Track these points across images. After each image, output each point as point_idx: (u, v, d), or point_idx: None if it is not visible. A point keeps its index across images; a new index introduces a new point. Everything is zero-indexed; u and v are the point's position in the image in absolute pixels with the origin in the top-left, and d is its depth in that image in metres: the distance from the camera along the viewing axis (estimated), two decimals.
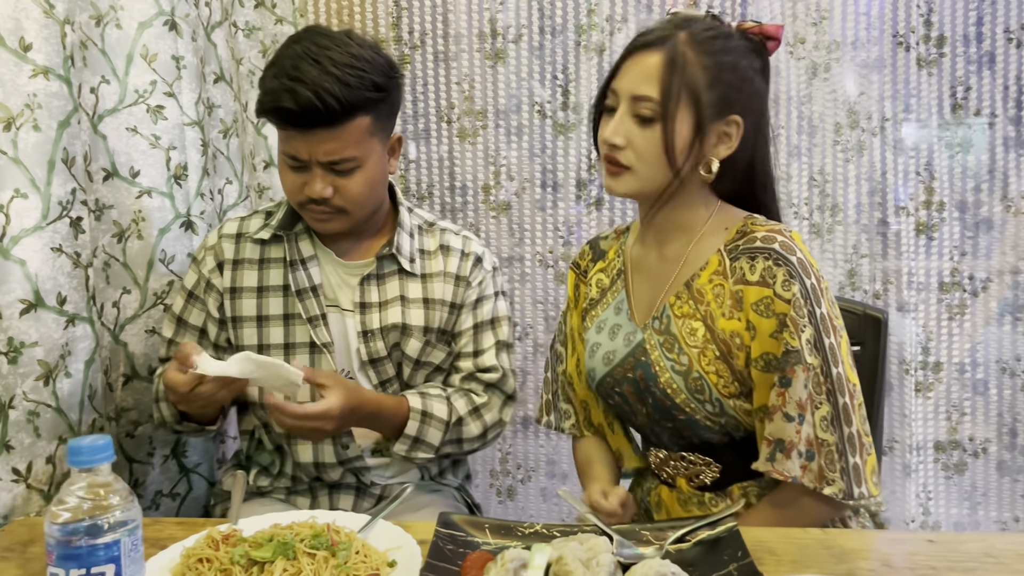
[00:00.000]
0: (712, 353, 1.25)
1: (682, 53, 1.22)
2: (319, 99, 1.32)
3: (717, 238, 1.30)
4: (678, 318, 1.28)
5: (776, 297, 1.20)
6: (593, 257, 1.50)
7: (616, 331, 1.37)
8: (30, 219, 1.31)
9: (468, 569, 1.03)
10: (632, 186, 1.28)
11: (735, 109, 1.25)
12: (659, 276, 1.35)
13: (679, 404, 1.27)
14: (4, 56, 1.26)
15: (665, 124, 1.22)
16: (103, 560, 0.72)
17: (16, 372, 1.30)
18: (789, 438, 1.19)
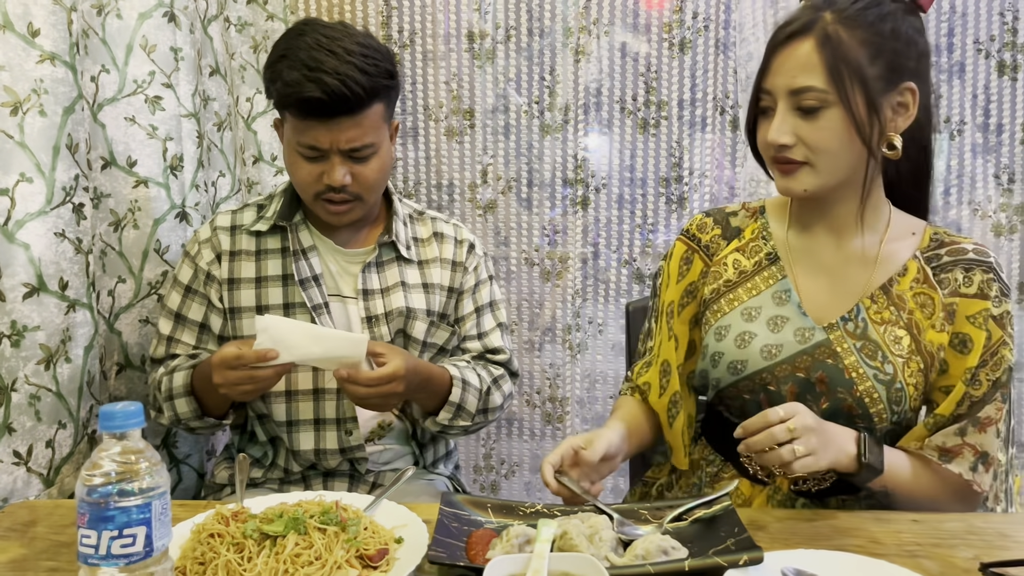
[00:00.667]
0: (916, 365, 1.22)
1: (834, 32, 1.16)
2: (346, 87, 1.35)
3: (907, 242, 1.28)
4: (877, 324, 1.24)
5: (990, 313, 1.22)
6: (723, 234, 1.39)
7: (780, 323, 1.29)
8: (35, 203, 1.32)
9: (474, 545, 1.06)
10: (813, 182, 1.22)
11: (906, 76, 1.19)
12: (840, 274, 1.29)
13: (872, 413, 1.23)
14: (13, 41, 1.27)
15: (847, 108, 1.16)
16: (135, 522, 0.74)
17: (19, 355, 1.31)
18: (993, 454, 1.21)
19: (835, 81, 1.16)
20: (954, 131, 2.20)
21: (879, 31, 1.17)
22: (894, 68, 1.18)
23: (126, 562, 0.74)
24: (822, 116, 1.18)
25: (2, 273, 1.28)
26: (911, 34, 1.20)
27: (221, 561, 0.96)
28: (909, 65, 1.19)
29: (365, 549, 1.01)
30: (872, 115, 1.17)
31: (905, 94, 1.20)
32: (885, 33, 1.17)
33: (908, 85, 1.19)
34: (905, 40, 1.19)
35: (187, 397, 1.48)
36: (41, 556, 1.08)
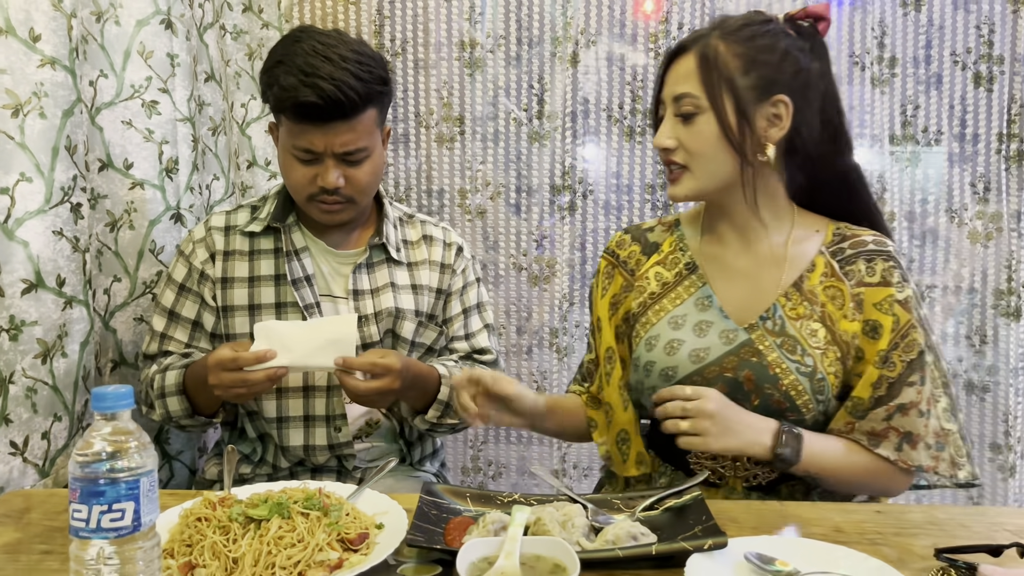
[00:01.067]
0: (833, 355, 1.29)
1: (713, 47, 1.27)
2: (341, 92, 1.41)
3: (813, 241, 1.35)
4: (794, 320, 1.31)
5: (895, 299, 1.29)
6: (642, 250, 1.48)
7: (705, 328, 1.35)
8: (34, 202, 1.37)
9: (451, 531, 1.10)
10: (692, 185, 1.32)
11: (778, 89, 1.27)
12: (753, 276, 1.36)
13: (799, 405, 1.29)
14: (15, 45, 1.32)
15: (716, 113, 1.26)
16: (124, 498, 0.79)
17: (16, 349, 1.35)
18: (917, 431, 1.28)
19: (706, 87, 1.26)
20: (931, 140, 2.26)
21: (755, 46, 1.27)
22: (767, 81, 1.27)
23: (115, 535, 0.79)
24: (697, 121, 1.28)
25: (1, 269, 1.33)
26: (791, 52, 1.28)
27: (207, 543, 1.00)
28: (782, 79, 1.27)
29: (346, 533, 1.05)
30: (743, 122, 1.27)
31: (778, 106, 1.28)
32: (760, 48, 1.27)
33: (780, 97, 1.27)
34: (780, 56, 1.27)
35: (179, 396, 1.53)
36: (35, 540, 1.13)
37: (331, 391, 1.58)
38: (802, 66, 1.28)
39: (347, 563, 1.01)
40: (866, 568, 1.00)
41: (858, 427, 1.30)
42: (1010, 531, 1.16)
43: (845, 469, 1.30)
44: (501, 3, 2.27)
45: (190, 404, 1.54)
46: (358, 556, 1.03)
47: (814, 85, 1.29)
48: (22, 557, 1.07)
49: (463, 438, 2.42)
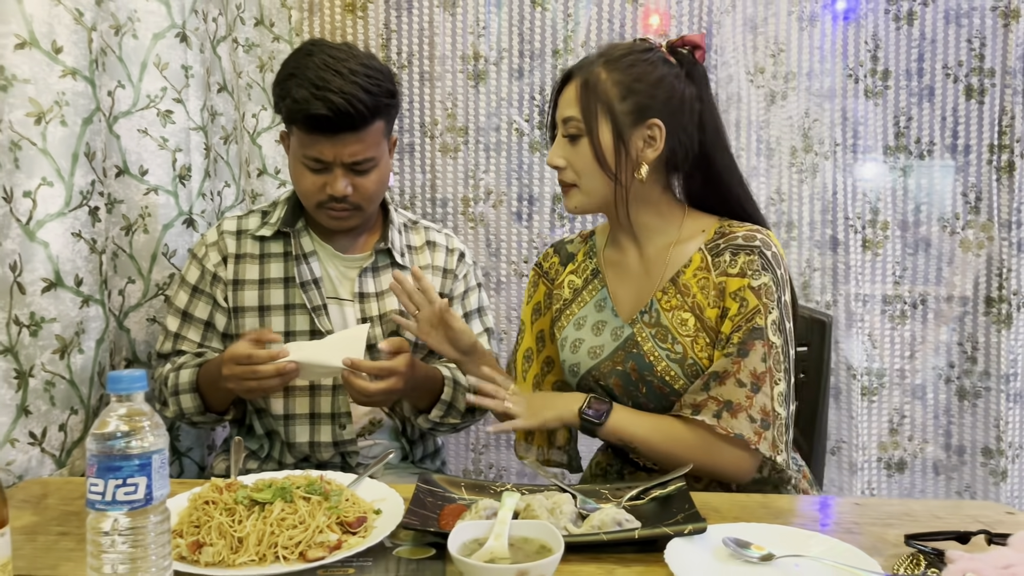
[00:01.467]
0: (703, 340, 1.38)
1: (595, 74, 1.38)
2: (351, 105, 1.47)
3: (696, 240, 1.44)
4: (667, 311, 1.40)
5: (748, 286, 1.35)
6: (561, 260, 1.62)
7: (601, 327, 1.48)
8: (54, 205, 1.44)
9: (445, 516, 1.16)
10: (580, 200, 1.43)
11: (652, 114, 1.37)
12: (642, 275, 1.47)
13: (677, 389, 1.38)
14: (38, 57, 1.40)
15: (590, 137, 1.37)
16: (137, 473, 0.85)
17: (36, 344, 1.42)
18: (738, 400, 1.32)
19: (585, 115, 1.37)
20: (924, 151, 2.31)
21: (632, 74, 1.38)
22: (642, 106, 1.37)
23: (129, 508, 0.85)
24: (580, 143, 1.39)
25: (23, 268, 1.40)
26: (666, 78, 1.39)
27: (214, 523, 1.07)
28: (655, 105, 1.37)
29: (345, 517, 1.12)
30: (619, 144, 1.37)
31: (652, 128, 1.38)
32: (637, 76, 1.38)
33: (654, 121, 1.38)
34: (655, 83, 1.38)
35: (192, 393, 1.59)
36: (52, 523, 1.19)
37: (336, 390, 1.64)
38: (675, 92, 1.39)
39: (345, 544, 1.07)
40: (837, 552, 1.05)
41: (683, 402, 1.37)
42: (983, 523, 1.21)
43: (658, 437, 1.36)
44: (505, 17, 2.34)
45: (203, 401, 1.60)
46: (356, 538, 1.09)
47: (688, 109, 1.40)
48: (39, 538, 1.14)
49: (465, 442, 2.48)
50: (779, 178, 2.33)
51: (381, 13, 2.35)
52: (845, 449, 2.33)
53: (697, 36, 1.44)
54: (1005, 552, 0.97)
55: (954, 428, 2.34)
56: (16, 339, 1.39)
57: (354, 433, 1.66)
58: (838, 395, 2.32)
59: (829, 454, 2.33)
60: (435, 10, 2.34)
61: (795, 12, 2.27)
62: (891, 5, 2.28)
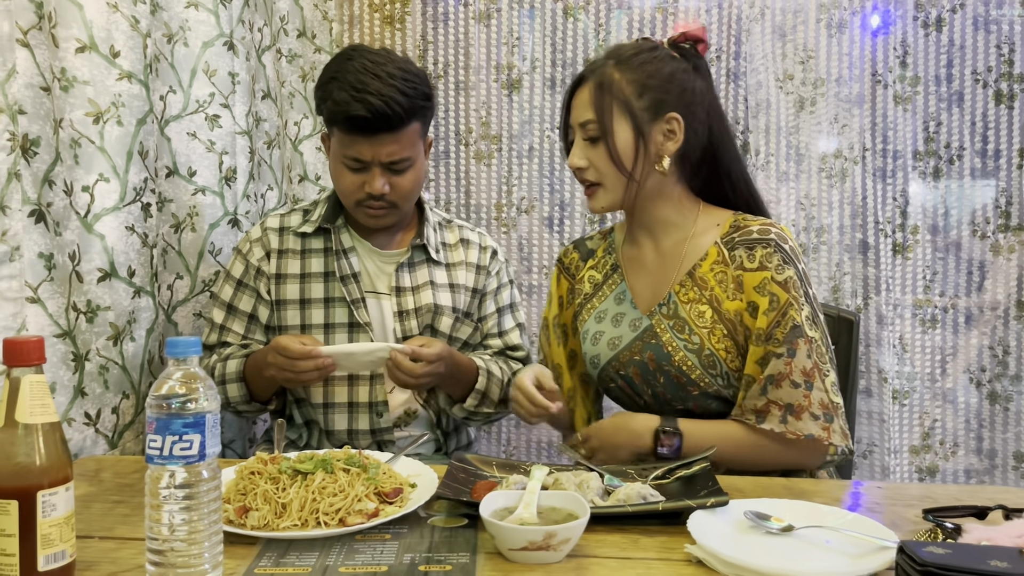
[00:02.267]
0: (720, 332, 1.42)
1: (608, 75, 1.43)
2: (388, 107, 1.55)
3: (711, 234, 1.49)
4: (684, 303, 1.45)
5: (772, 280, 1.40)
6: (581, 256, 1.67)
7: (620, 319, 1.53)
8: (110, 200, 1.52)
9: (478, 489, 1.21)
10: (605, 199, 1.48)
11: (669, 108, 1.42)
12: (659, 269, 1.52)
13: (695, 379, 1.43)
14: (97, 60, 1.49)
15: (606, 138, 1.42)
16: (191, 429, 0.91)
17: (92, 330, 1.51)
18: (798, 402, 1.37)
19: (600, 116, 1.42)
20: (954, 156, 2.33)
21: (645, 71, 1.43)
22: (658, 101, 1.42)
23: (184, 462, 0.91)
24: (601, 144, 1.43)
25: (81, 258, 1.48)
26: (677, 74, 1.44)
27: (260, 490, 1.13)
28: (671, 99, 1.43)
29: (382, 487, 1.17)
30: (639, 139, 1.42)
31: (671, 122, 1.43)
32: (650, 73, 1.43)
33: (672, 115, 1.43)
34: (667, 78, 1.43)
35: (239, 383, 1.66)
36: (107, 493, 1.27)
37: (373, 380, 1.70)
38: (687, 86, 1.45)
39: (382, 512, 1.13)
40: (857, 524, 1.08)
41: (744, 407, 1.40)
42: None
43: (730, 449, 1.40)
44: (538, 28, 2.41)
45: (248, 391, 1.67)
46: (392, 507, 1.15)
47: (699, 101, 1.45)
48: (96, 505, 1.21)
49: (496, 438, 2.52)
50: (808, 183, 2.36)
51: (418, 25, 2.43)
52: (877, 453, 2.34)
53: (698, 29, 1.48)
54: (1019, 523, 1.00)
55: (985, 432, 2.33)
56: (74, 324, 1.47)
57: (390, 422, 1.72)
58: (869, 399, 2.34)
59: (861, 457, 2.34)
60: (470, 22, 2.42)
61: (824, 19, 2.31)
62: (919, 12, 2.31)
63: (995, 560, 0.85)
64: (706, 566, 1.00)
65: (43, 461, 0.93)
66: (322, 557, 1.03)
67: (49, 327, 1.41)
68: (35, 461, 0.92)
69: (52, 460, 0.94)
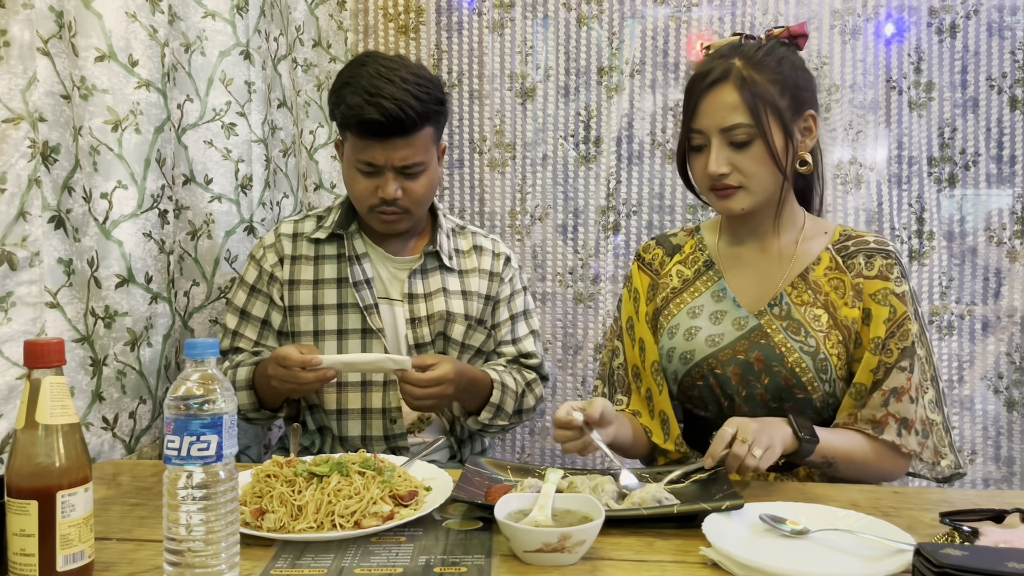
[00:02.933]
0: (836, 337, 1.42)
1: (749, 76, 1.38)
2: (402, 111, 1.56)
3: (821, 240, 1.49)
4: (798, 306, 1.44)
5: (892, 292, 1.41)
6: (666, 252, 1.63)
7: (720, 316, 1.49)
8: (128, 207, 1.54)
9: (493, 494, 1.21)
10: (748, 201, 1.43)
11: (807, 104, 1.43)
12: (765, 270, 1.50)
13: (804, 383, 1.41)
14: (116, 69, 1.51)
15: (765, 140, 1.38)
16: (209, 431, 0.92)
17: (110, 335, 1.52)
18: (911, 417, 1.38)
19: (755, 116, 1.38)
20: (969, 162, 2.32)
21: (782, 70, 1.41)
22: (798, 99, 1.42)
23: (202, 463, 0.92)
24: (752, 147, 1.40)
25: (100, 264, 1.50)
26: (803, 69, 1.44)
27: (276, 492, 1.14)
28: (806, 95, 1.43)
29: (398, 490, 1.18)
30: (787, 140, 1.41)
31: (808, 119, 1.44)
32: (787, 71, 1.41)
33: (810, 112, 1.44)
34: (799, 74, 1.43)
35: (248, 390, 1.67)
36: (126, 496, 1.27)
37: (387, 386, 1.71)
38: (812, 82, 1.46)
39: (397, 515, 1.13)
40: (872, 528, 1.08)
41: (860, 416, 1.40)
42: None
43: (857, 452, 1.38)
44: (552, 37, 2.43)
45: (257, 399, 1.68)
46: (408, 510, 1.15)
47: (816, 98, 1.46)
48: (114, 508, 1.22)
49: (511, 446, 2.52)
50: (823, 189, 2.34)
51: (433, 35, 2.45)
52: None
53: (799, 26, 1.46)
54: None
55: (1003, 440, 2.31)
56: (92, 329, 1.49)
57: (404, 427, 1.72)
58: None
59: None
60: (484, 31, 2.43)
61: (837, 26, 2.31)
62: (933, 19, 2.31)
63: (1013, 562, 0.84)
64: (721, 569, 1.00)
65: (63, 462, 0.94)
66: (337, 559, 1.03)
67: (68, 332, 1.42)
68: (55, 462, 0.94)
69: (72, 461, 0.95)
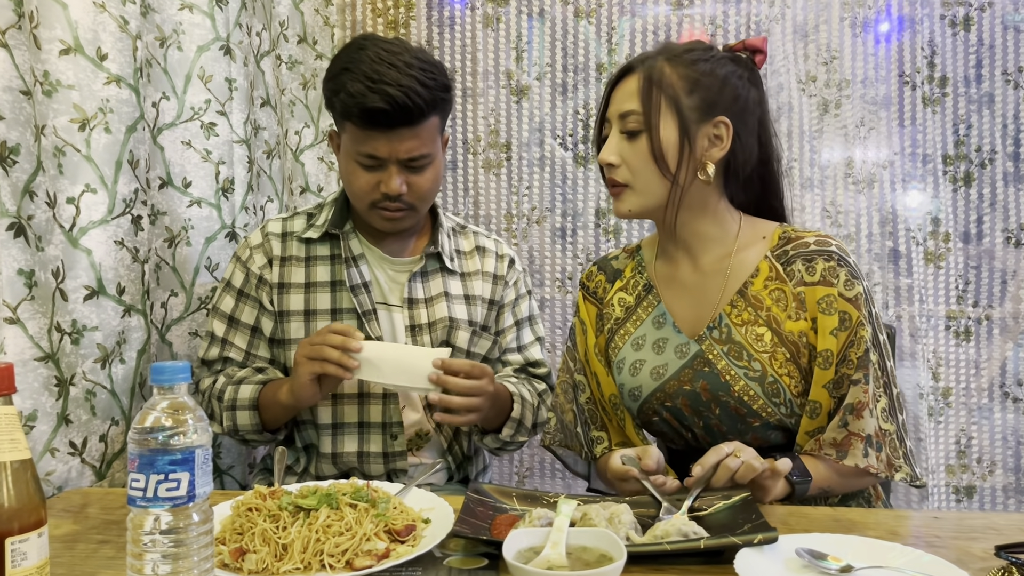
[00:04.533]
0: (783, 356, 1.30)
1: (659, 68, 1.32)
2: (408, 99, 1.43)
3: (758, 247, 1.37)
4: (739, 326, 1.33)
5: (840, 296, 1.29)
6: (607, 278, 1.53)
7: (662, 345, 1.39)
8: (97, 212, 1.42)
9: (498, 526, 1.10)
10: (634, 203, 1.35)
11: (719, 111, 1.31)
12: (701, 288, 1.39)
13: (756, 410, 1.31)
14: (83, 63, 1.39)
15: (650, 132, 1.30)
16: (179, 468, 0.81)
17: (78, 352, 1.40)
18: (872, 432, 1.27)
19: (646, 108, 1.30)
20: (985, 160, 2.23)
21: (698, 70, 1.32)
22: (709, 103, 1.31)
23: (171, 504, 0.80)
24: (639, 139, 1.32)
25: (66, 275, 1.38)
26: (731, 78, 1.33)
27: (258, 529, 1.02)
28: (722, 102, 1.32)
29: (393, 524, 1.06)
30: (684, 139, 1.31)
31: (719, 127, 1.33)
32: (703, 72, 1.32)
33: (721, 119, 1.32)
34: (722, 81, 1.33)
35: (251, 411, 1.53)
36: (91, 532, 1.15)
37: (387, 399, 1.59)
38: (740, 92, 1.34)
39: (394, 553, 1.02)
40: (922, 564, 0.97)
41: (823, 442, 1.29)
42: None
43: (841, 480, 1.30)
44: (547, 32, 2.32)
45: (260, 420, 1.55)
46: (405, 547, 1.04)
47: (751, 110, 1.35)
48: (79, 546, 1.10)
49: (509, 468, 2.41)
50: (834, 190, 2.25)
51: (423, 30, 2.34)
52: None
53: (758, 40, 1.39)
54: None
55: (1023, 449, 2.22)
56: (57, 346, 1.37)
57: (404, 445, 1.61)
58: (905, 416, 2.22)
59: None
60: (477, 27, 2.32)
61: (848, 18, 2.21)
62: (947, 11, 2.21)
63: None
64: None
65: (12, 504, 0.82)
66: None
67: (30, 350, 1.30)
68: (3, 504, 0.82)
69: (23, 502, 0.83)
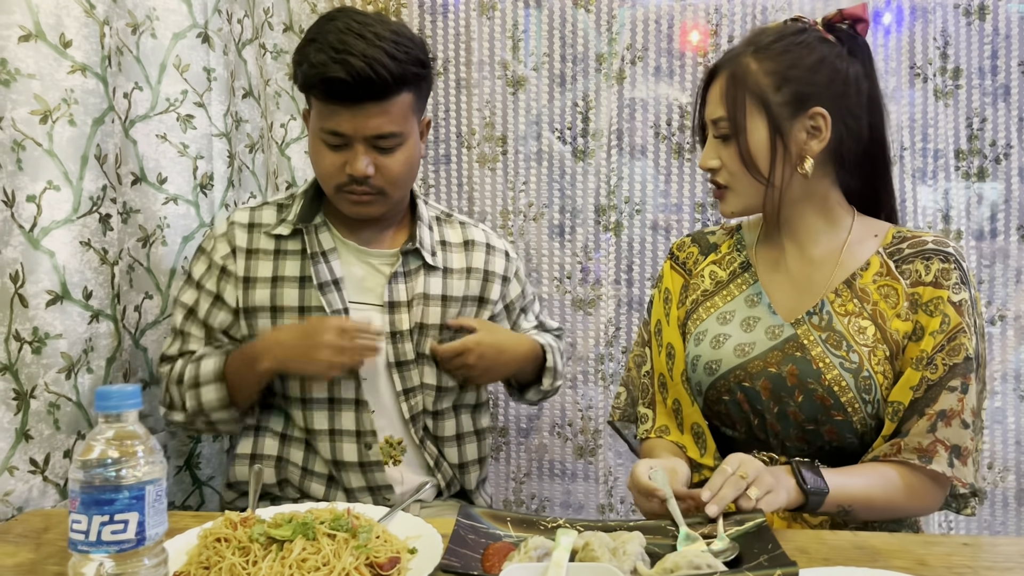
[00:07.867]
0: (882, 353, 1.24)
1: (743, 66, 1.26)
2: (372, 70, 1.34)
3: (869, 243, 1.31)
4: (842, 316, 1.27)
5: (949, 300, 1.22)
6: (701, 250, 1.48)
7: (752, 323, 1.34)
8: (61, 211, 1.32)
9: (490, 557, 1.01)
10: (736, 204, 1.32)
11: (814, 101, 1.25)
12: (806, 276, 1.34)
13: (843, 403, 1.24)
14: (44, 51, 1.29)
15: (737, 137, 1.26)
16: (127, 507, 0.71)
17: (39, 363, 1.30)
18: (965, 444, 1.20)
19: (731, 113, 1.26)
20: (1000, 155, 2.13)
21: (786, 61, 1.25)
22: (801, 95, 1.25)
23: (117, 549, 0.71)
24: (732, 143, 1.28)
25: (26, 279, 1.28)
26: (826, 60, 1.26)
27: (225, 564, 0.93)
28: (815, 91, 1.25)
29: (376, 557, 0.97)
30: (776, 138, 1.25)
31: (816, 118, 1.26)
32: (792, 63, 1.25)
33: (817, 110, 1.25)
34: (813, 68, 1.25)
35: (216, 383, 1.44)
36: (48, 561, 1.06)
37: (359, 405, 1.49)
38: (838, 73, 1.26)
39: None
40: None
41: (904, 446, 1.22)
42: None
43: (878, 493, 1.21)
44: (544, 21, 2.22)
45: (228, 393, 1.45)
46: None
47: (854, 90, 1.27)
48: None
49: (505, 472, 2.32)
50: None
51: (415, 18, 2.24)
52: None
53: (858, 8, 1.30)
54: None
55: None
56: (16, 356, 1.27)
57: (379, 455, 1.50)
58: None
59: None
60: (471, 14, 2.22)
61: None
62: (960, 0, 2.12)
63: None
64: None
65: None
66: None
67: None
68: None
69: None
